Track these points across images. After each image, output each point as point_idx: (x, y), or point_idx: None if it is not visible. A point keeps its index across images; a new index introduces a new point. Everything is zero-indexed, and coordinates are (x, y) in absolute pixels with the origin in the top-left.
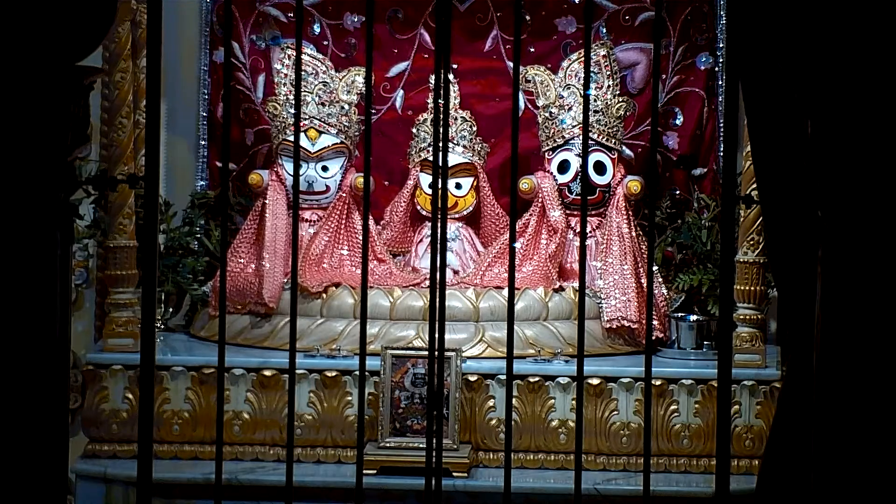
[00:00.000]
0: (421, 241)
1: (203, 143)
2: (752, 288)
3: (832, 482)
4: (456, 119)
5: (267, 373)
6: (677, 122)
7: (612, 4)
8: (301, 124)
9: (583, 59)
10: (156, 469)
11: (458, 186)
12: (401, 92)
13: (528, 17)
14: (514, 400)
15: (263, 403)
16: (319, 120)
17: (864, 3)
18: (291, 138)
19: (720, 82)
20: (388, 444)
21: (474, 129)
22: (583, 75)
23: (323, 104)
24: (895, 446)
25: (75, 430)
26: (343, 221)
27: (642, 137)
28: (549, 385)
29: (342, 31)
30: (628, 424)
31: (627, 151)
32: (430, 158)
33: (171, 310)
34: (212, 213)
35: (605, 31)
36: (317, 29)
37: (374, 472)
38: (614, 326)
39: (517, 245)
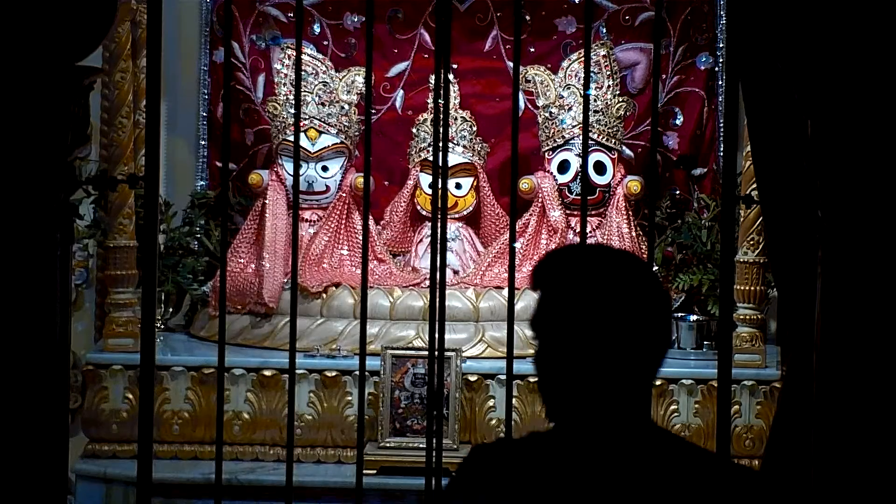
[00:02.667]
0: (421, 241)
1: (203, 143)
2: (752, 288)
3: (832, 482)
4: (456, 119)
5: (267, 373)
6: (677, 122)
7: (612, 4)
8: (301, 124)
9: (583, 59)
10: (156, 469)
11: (458, 186)
12: (401, 92)
13: (528, 17)
14: (514, 400)
15: (263, 403)
16: (319, 120)
17: (864, 3)
18: (291, 138)
19: (720, 82)
20: (388, 444)
21: (474, 129)
22: (583, 75)
23: (323, 104)
24: (895, 446)
25: (75, 430)
26: (343, 221)
27: (642, 137)
28: None
29: (342, 31)
30: None
31: (627, 151)
32: (430, 158)
33: (171, 310)
34: (212, 213)
35: (605, 31)
36: (317, 29)
37: (374, 472)
38: None
39: (517, 245)
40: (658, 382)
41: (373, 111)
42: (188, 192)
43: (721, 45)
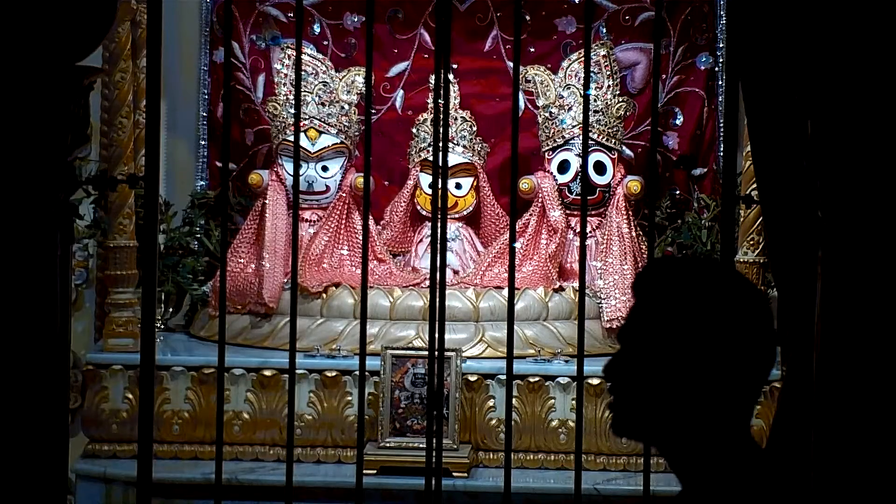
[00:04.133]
0: (421, 241)
1: (203, 143)
2: None
3: (832, 482)
4: (456, 119)
5: (267, 373)
6: (677, 122)
7: (612, 4)
8: (301, 124)
9: (583, 59)
10: (156, 469)
11: (458, 186)
12: (401, 92)
13: (528, 17)
14: (514, 400)
15: (263, 403)
16: (319, 120)
17: (864, 3)
18: (291, 138)
19: (720, 82)
20: (388, 444)
21: (474, 129)
22: (583, 75)
23: (323, 104)
24: (895, 446)
25: (75, 430)
26: (343, 221)
27: (642, 137)
28: (549, 385)
29: (342, 31)
30: None
31: (627, 151)
32: (430, 158)
33: (171, 310)
34: (212, 213)
35: (605, 31)
36: (317, 29)
37: (374, 472)
38: (614, 326)
39: (517, 245)
40: None
41: (373, 111)
42: (188, 192)
43: (721, 45)
